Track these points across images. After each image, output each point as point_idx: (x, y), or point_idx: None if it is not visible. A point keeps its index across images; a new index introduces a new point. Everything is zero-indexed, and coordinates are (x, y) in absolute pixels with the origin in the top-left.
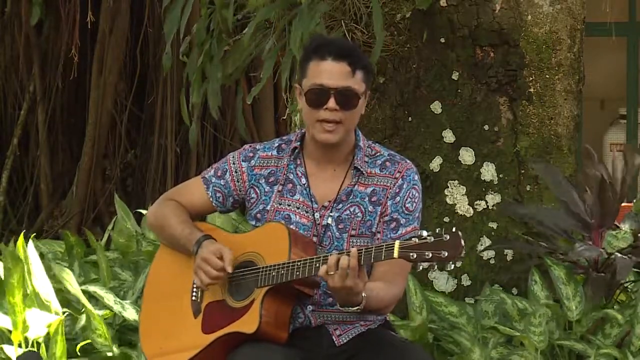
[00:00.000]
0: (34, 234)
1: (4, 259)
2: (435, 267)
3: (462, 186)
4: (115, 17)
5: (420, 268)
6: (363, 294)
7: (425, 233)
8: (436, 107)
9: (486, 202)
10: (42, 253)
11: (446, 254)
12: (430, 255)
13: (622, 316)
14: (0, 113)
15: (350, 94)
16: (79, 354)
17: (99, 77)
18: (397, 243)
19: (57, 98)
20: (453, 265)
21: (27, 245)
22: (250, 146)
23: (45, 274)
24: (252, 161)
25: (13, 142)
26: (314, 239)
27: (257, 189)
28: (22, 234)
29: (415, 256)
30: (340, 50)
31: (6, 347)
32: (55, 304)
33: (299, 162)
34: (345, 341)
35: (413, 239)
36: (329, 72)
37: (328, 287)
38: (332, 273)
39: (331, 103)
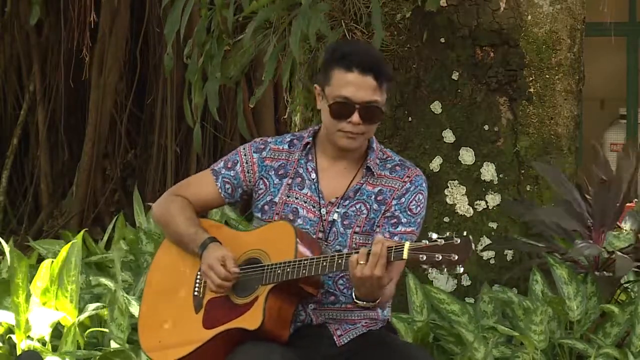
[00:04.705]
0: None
1: (11, 259)
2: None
3: (462, 186)
4: (115, 17)
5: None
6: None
7: (435, 235)
8: (436, 107)
9: (486, 202)
10: (41, 254)
11: (456, 257)
12: (441, 257)
13: (623, 315)
14: (0, 113)
15: (375, 109)
16: (86, 340)
17: (99, 77)
18: (406, 244)
19: (57, 98)
20: (462, 269)
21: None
22: (261, 139)
23: (77, 274)
24: (264, 152)
25: (13, 142)
26: (320, 234)
27: (266, 181)
28: (83, 231)
29: (425, 258)
30: (366, 63)
31: (15, 337)
32: (73, 302)
33: (310, 158)
34: (346, 342)
35: (423, 241)
36: (355, 86)
37: (354, 278)
38: (362, 262)
39: (355, 117)
